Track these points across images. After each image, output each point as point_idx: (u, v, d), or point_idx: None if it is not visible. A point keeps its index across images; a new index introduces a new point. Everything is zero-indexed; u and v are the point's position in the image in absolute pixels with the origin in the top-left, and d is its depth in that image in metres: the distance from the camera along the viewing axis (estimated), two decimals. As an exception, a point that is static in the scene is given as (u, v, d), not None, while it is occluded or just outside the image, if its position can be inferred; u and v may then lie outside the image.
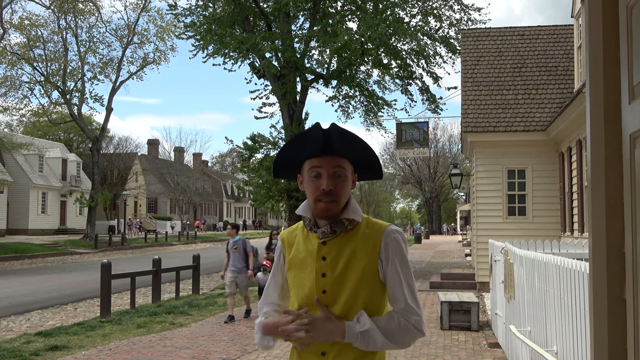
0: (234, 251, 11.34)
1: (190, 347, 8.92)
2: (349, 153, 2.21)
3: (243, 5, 22.17)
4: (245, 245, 11.44)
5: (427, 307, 12.78)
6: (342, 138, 2.18)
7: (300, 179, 2.30)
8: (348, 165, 2.23)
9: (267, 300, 2.42)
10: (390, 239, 2.21)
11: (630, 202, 1.71)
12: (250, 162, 24.13)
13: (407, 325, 2.13)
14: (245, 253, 11.38)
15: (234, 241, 11.45)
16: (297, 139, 2.24)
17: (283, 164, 2.32)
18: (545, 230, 14.43)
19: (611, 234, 1.80)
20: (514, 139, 15.20)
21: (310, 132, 2.20)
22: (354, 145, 2.21)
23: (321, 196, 2.17)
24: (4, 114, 42.09)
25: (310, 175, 2.21)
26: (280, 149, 2.37)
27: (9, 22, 38.53)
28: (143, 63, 43.34)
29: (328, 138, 2.16)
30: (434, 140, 72.73)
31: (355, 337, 2.08)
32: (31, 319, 12.71)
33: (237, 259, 11.31)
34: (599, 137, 1.84)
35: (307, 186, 2.24)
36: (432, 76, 23.46)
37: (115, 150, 62.47)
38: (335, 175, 2.18)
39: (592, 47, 1.89)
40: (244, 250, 11.38)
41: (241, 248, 11.37)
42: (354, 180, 2.28)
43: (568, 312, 4.59)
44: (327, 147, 2.17)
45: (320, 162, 2.19)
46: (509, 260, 7.35)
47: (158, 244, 43.74)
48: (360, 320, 2.10)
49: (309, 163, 2.22)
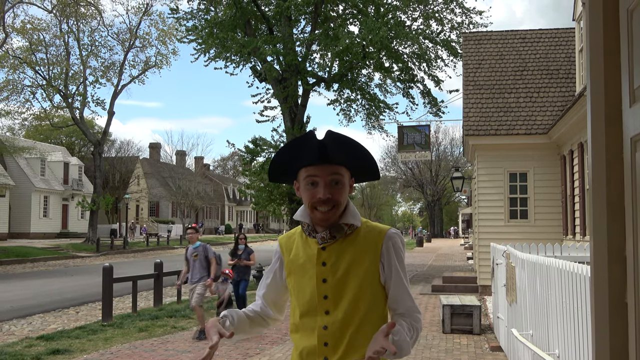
0: (194, 259, 9.98)
1: (192, 351, 8.92)
2: (345, 160, 2.19)
3: (244, 9, 22.21)
4: (206, 251, 10.05)
5: (429, 310, 12.76)
6: (337, 145, 2.14)
7: (296, 185, 2.27)
8: (345, 171, 2.20)
9: (259, 293, 2.43)
10: (392, 243, 2.21)
11: (632, 206, 1.71)
12: (252, 166, 24.15)
13: (417, 328, 2.16)
14: (207, 261, 10.02)
15: (194, 247, 10.06)
16: (291, 146, 2.21)
17: (278, 170, 2.28)
18: (547, 233, 14.41)
19: (612, 237, 1.80)
20: (516, 142, 15.19)
21: (304, 140, 2.16)
22: (350, 151, 2.18)
23: (318, 204, 2.15)
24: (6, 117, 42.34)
25: (307, 183, 2.18)
26: (274, 155, 2.33)
27: (11, 26, 38.68)
28: (145, 67, 43.48)
29: (323, 147, 2.14)
30: (435, 144, 72.77)
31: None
32: (33, 323, 12.71)
33: (197, 268, 9.95)
34: (600, 141, 1.84)
35: (303, 193, 2.22)
36: (433, 79, 23.47)
37: (117, 153, 62.52)
38: (332, 183, 2.16)
39: (593, 50, 1.89)
40: (205, 258, 10.00)
41: (202, 255, 9.98)
42: (352, 185, 2.27)
43: (570, 316, 4.59)
44: (323, 155, 2.14)
45: (316, 171, 2.16)
46: (511, 264, 7.34)
47: (160, 247, 43.74)
48: (396, 335, 2.02)
49: (305, 171, 2.19)
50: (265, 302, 2.40)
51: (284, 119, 22.93)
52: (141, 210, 66.97)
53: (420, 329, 2.18)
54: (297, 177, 2.25)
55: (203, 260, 9.97)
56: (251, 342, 9.54)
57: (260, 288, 2.43)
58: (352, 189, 2.29)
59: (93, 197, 41.66)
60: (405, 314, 2.17)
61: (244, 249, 11.94)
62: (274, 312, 2.42)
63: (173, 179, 65.25)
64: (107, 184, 52.91)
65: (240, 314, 2.32)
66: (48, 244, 39.66)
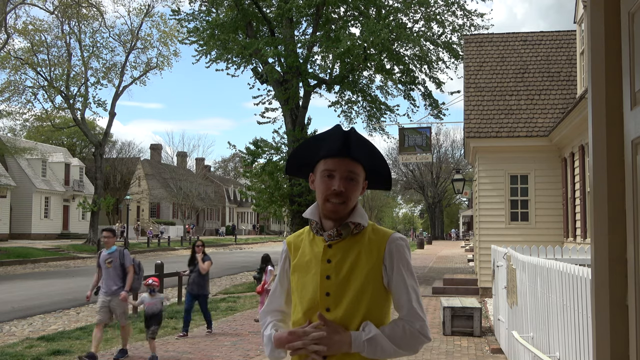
0: (108, 266, 8.55)
1: (192, 352, 8.91)
2: (364, 159, 2.25)
3: (246, 10, 22.24)
4: (122, 258, 8.63)
5: (430, 312, 12.75)
6: (359, 143, 2.23)
7: (312, 177, 2.32)
8: (361, 171, 2.26)
9: (272, 307, 2.40)
10: (394, 246, 2.23)
11: (632, 208, 1.71)
12: (253, 167, 24.15)
13: (412, 331, 2.14)
14: (123, 269, 8.62)
15: (108, 252, 8.66)
16: (317, 137, 2.29)
17: (298, 160, 2.35)
18: (548, 235, 14.40)
19: (613, 239, 1.80)
20: (517, 144, 15.19)
21: (330, 131, 2.25)
22: (370, 153, 2.26)
23: (331, 196, 2.20)
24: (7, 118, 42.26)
25: (323, 175, 2.24)
26: (297, 146, 2.39)
27: (13, 27, 38.71)
28: (146, 68, 43.46)
29: (347, 139, 2.21)
30: (436, 146, 72.80)
31: (362, 345, 2.09)
32: (33, 324, 12.71)
33: (112, 277, 8.53)
34: (601, 143, 1.84)
35: (318, 185, 2.26)
36: (434, 81, 23.49)
37: (118, 155, 62.58)
38: (348, 178, 2.21)
39: (594, 52, 1.90)
40: (120, 266, 8.60)
41: (117, 262, 8.59)
42: (364, 187, 2.31)
43: (570, 318, 4.59)
44: (345, 148, 2.21)
45: (335, 164, 2.22)
46: (512, 266, 7.34)
47: (160, 248, 43.73)
48: (365, 329, 2.12)
49: (323, 163, 2.25)
50: (282, 309, 2.40)
51: (285, 120, 22.94)
52: (142, 212, 66.98)
53: (421, 333, 2.15)
54: (314, 170, 2.30)
55: (118, 268, 8.57)
56: (251, 343, 9.54)
57: (274, 301, 2.40)
58: (364, 191, 2.32)
59: (94, 198, 41.65)
60: (404, 318, 2.17)
61: (202, 259, 10.62)
62: None
63: (174, 180, 65.30)
64: (108, 185, 52.94)
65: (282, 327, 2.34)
66: (49, 244, 39.67)
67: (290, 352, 2.16)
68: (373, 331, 2.11)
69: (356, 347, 2.09)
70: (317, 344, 2.09)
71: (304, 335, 2.11)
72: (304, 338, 2.11)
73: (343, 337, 2.10)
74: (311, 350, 2.09)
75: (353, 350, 2.10)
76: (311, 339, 2.10)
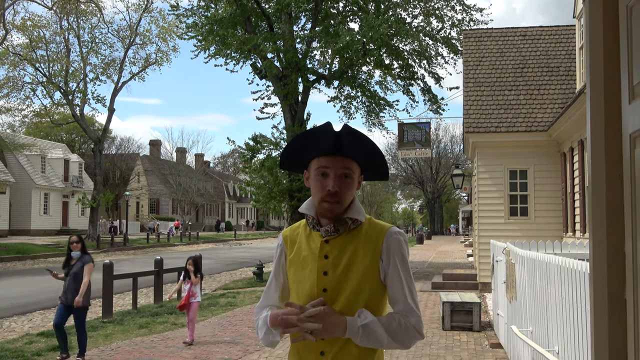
0: None
1: (192, 348, 8.93)
2: (357, 154, 2.22)
3: (245, 6, 22.18)
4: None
5: (429, 307, 12.77)
6: (352, 139, 2.19)
7: (306, 174, 2.31)
8: (356, 167, 2.23)
9: (267, 302, 2.38)
10: (392, 240, 2.22)
11: (631, 202, 1.71)
12: (252, 163, 24.13)
13: (407, 326, 2.14)
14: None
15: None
16: (307, 135, 2.25)
17: (291, 157, 2.33)
18: (547, 230, 14.42)
19: (612, 233, 1.80)
20: (516, 139, 15.19)
21: (321, 130, 2.20)
22: (363, 146, 2.22)
23: (326, 197, 2.18)
24: (6, 114, 42.20)
25: (317, 173, 2.22)
26: (288, 142, 2.36)
27: (11, 23, 38.63)
28: (145, 64, 43.40)
29: (339, 139, 2.18)
30: (435, 141, 72.72)
31: (356, 330, 2.08)
32: (33, 320, 12.73)
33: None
34: (600, 137, 1.84)
35: (313, 184, 2.24)
36: (433, 77, 23.47)
37: (117, 151, 62.60)
38: (342, 176, 2.19)
39: (593, 47, 1.89)
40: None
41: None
42: (360, 182, 2.30)
43: (569, 312, 4.59)
44: (337, 147, 2.18)
45: (329, 163, 2.19)
46: (511, 261, 7.35)
47: (160, 244, 43.75)
48: (361, 315, 2.11)
49: (317, 161, 2.23)
50: (277, 304, 2.37)
51: (285, 116, 22.92)
52: (141, 207, 67.03)
53: (416, 327, 2.15)
54: (308, 167, 2.28)
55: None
56: (251, 338, 9.55)
57: (269, 297, 2.38)
58: (360, 186, 2.31)
59: (93, 194, 41.64)
60: (400, 312, 2.17)
61: (79, 257, 8.45)
62: None
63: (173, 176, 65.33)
64: (107, 181, 52.99)
65: None
66: (48, 240, 39.69)
67: (283, 328, 2.14)
68: (369, 318, 2.10)
69: (351, 332, 2.09)
70: (311, 322, 2.08)
71: (301, 311, 2.10)
72: (299, 315, 2.09)
73: (339, 320, 2.09)
74: (305, 327, 2.08)
75: (347, 335, 2.09)
76: (307, 316, 2.08)
